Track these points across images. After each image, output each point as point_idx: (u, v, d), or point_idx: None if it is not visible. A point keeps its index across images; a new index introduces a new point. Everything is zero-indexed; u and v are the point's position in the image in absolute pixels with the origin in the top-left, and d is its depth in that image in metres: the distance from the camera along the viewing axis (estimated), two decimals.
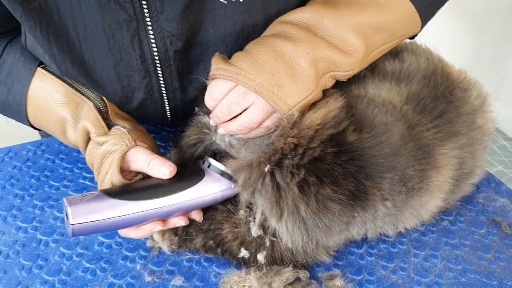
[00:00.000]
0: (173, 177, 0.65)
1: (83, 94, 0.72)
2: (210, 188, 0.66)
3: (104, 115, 0.72)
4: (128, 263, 0.70)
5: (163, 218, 0.65)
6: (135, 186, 0.66)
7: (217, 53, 0.67)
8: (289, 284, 0.65)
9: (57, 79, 0.72)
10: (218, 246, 0.69)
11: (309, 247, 0.66)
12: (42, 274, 0.68)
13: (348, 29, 0.64)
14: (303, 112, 0.63)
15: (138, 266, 0.69)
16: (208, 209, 0.70)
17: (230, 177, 0.66)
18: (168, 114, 0.81)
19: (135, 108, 0.77)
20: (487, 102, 0.80)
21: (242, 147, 0.67)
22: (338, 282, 0.66)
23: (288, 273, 0.65)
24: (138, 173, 0.69)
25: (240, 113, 0.63)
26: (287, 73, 0.61)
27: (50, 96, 0.72)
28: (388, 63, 0.77)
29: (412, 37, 0.78)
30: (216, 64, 0.63)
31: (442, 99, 0.73)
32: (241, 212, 0.69)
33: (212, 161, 0.67)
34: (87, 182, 0.84)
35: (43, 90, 0.73)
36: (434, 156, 0.68)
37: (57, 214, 0.78)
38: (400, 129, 0.66)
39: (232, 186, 0.66)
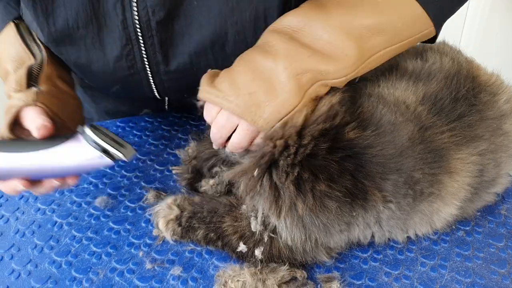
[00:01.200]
0: (47, 138, 0.64)
1: (32, 54, 0.75)
2: (73, 153, 0.63)
3: (32, 76, 0.73)
4: (132, 250, 0.71)
5: (27, 176, 0.65)
6: (11, 141, 0.66)
7: (209, 69, 0.67)
8: (284, 283, 0.63)
9: (18, 36, 0.76)
10: (219, 239, 0.69)
11: (308, 245, 0.64)
12: (51, 254, 0.71)
13: (337, 31, 0.61)
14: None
15: (141, 254, 0.70)
16: (211, 202, 0.71)
17: (103, 149, 0.62)
18: (154, 89, 0.81)
19: (119, 79, 0.78)
20: None
21: (246, 155, 0.67)
22: (335, 285, 0.64)
23: (283, 272, 0.64)
24: None
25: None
26: (266, 91, 0.60)
27: (6, 48, 0.76)
28: (410, 61, 0.74)
29: (432, 41, 0.72)
30: (202, 85, 0.64)
31: (463, 101, 0.69)
32: (243, 206, 0.69)
33: (86, 129, 0.63)
34: (107, 170, 0.86)
35: (4, 41, 0.76)
36: (448, 161, 0.65)
37: (75, 198, 0.81)
38: (410, 130, 0.63)
39: (99, 157, 0.62)
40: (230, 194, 0.73)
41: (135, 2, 0.69)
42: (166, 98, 0.88)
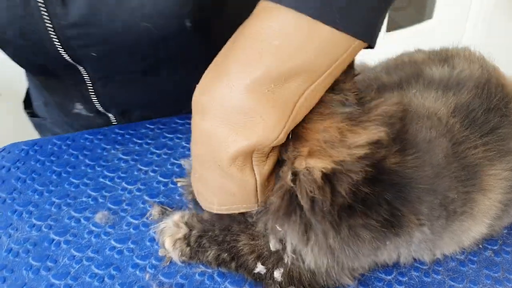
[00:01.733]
0: None
1: None
2: None
3: None
4: (137, 272, 0.66)
5: None
6: None
7: None
8: None
9: None
10: (233, 260, 0.64)
11: (333, 270, 0.60)
12: (49, 277, 0.65)
13: (245, 99, 0.50)
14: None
15: (147, 276, 0.65)
16: (224, 220, 0.65)
17: None
18: (56, 42, 0.73)
19: (12, 20, 0.71)
20: None
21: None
22: None
23: None
24: None
25: None
26: (225, 192, 0.56)
27: None
28: (436, 68, 0.69)
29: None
30: None
31: (495, 112, 0.64)
32: (260, 224, 0.63)
33: None
34: (106, 182, 0.80)
35: None
36: (481, 177, 0.60)
37: (73, 213, 0.75)
38: (444, 147, 0.58)
39: None
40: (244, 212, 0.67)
41: None
42: (90, 84, 0.83)
